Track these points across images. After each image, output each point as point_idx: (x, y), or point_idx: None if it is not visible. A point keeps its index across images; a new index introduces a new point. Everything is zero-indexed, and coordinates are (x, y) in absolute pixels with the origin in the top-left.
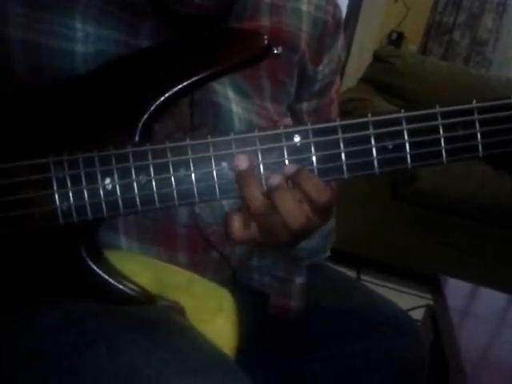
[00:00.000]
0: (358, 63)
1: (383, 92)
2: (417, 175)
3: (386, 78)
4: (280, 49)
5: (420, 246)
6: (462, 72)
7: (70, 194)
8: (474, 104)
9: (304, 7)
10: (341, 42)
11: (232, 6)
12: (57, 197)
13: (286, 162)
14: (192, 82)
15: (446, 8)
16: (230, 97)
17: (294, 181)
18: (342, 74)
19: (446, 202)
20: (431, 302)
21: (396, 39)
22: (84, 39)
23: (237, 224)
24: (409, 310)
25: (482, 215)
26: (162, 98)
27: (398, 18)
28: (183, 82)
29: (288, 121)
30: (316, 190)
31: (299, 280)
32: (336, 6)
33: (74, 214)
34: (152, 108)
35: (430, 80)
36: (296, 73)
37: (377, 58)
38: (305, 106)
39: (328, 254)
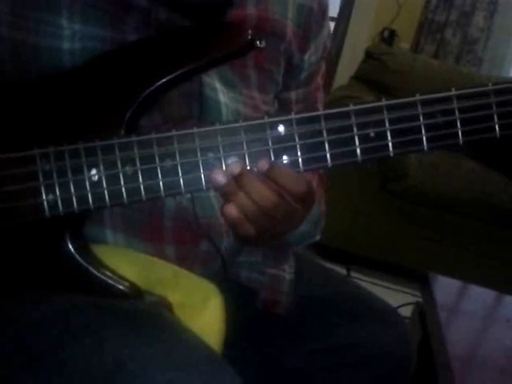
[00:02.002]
0: (350, 61)
1: (375, 90)
2: (406, 172)
3: (377, 75)
4: (264, 42)
5: (409, 243)
6: (453, 70)
7: (56, 187)
8: (453, 92)
9: None
10: (327, 29)
11: None
12: (43, 189)
13: (271, 151)
14: (176, 76)
15: (438, 6)
16: (216, 87)
17: (269, 176)
18: (333, 72)
19: (436, 198)
20: (420, 300)
21: (388, 37)
22: (71, 37)
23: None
24: (398, 306)
25: (471, 212)
26: (147, 92)
27: (391, 16)
28: (167, 75)
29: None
30: (291, 181)
31: (288, 276)
32: None
33: (60, 207)
34: (137, 101)
35: (422, 78)
36: (282, 61)
37: (369, 55)
38: (293, 95)
39: (318, 238)
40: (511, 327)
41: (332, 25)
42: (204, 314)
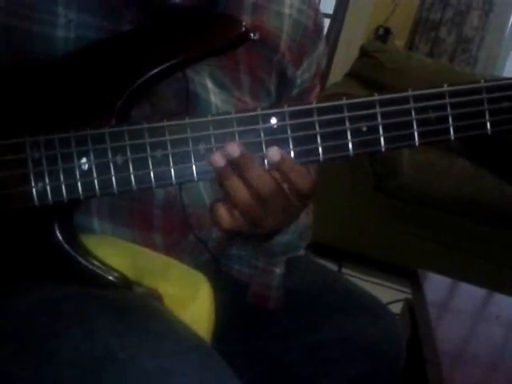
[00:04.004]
0: (345, 58)
1: (369, 87)
2: (399, 170)
3: (372, 73)
4: (257, 34)
5: (401, 240)
6: (447, 69)
7: (46, 175)
8: (446, 88)
9: (286, 10)
10: (322, 47)
11: (216, 1)
12: (32, 177)
13: (263, 143)
14: (169, 66)
15: (434, 4)
16: (208, 87)
17: (279, 168)
18: (328, 69)
19: (428, 196)
20: (410, 296)
21: (383, 34)
22: (66, 25)
23: (223, 212)
24: (388, 303)
25: (462, 211)
26: (139, 82)
27: (386, 14)
28: (160, 65)
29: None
30: (299, 176)
31: (279, 271)
32: (317, 12)
33: (49, 195)
34: (129, 91)
35: (416, 76)
36: (275, 73)
37: (363, 52)
38: None
39: (303, 252)
40: (500, 324)
41: (327, 22)
42: (193, 304)
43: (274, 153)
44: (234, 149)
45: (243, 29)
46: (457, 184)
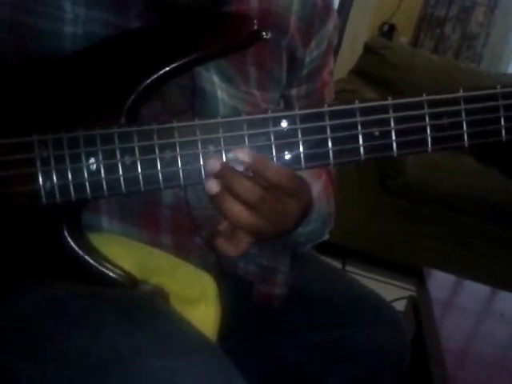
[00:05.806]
0: (350, 54)
1: (374, 83)
2: (405, 168)
3: (376, 69)
4: (269, 34)
5: (406, 238)
6: (452, 65)
7: (54, 174)
8: (461, 93)
9: None
10: (332, 24)
11: None
12: (40, 176)
13: (273, 146)
14: (178, 66)
15: (438, 1)
16: (215, 82)
17: (251, 169)
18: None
19: (434, 195)
20: (414, 294)
21: (388, 31)
22: (73, 21)
23: (224, 244)
24: (392, 301)
25: (469, 209)
26: (148, 81)
27: (391, 10)
28: (170, 65)
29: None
30: (276, 174)
31: (284, 268)
32: None
33: (57, 195)
34: (139, 90)
35: (421, 73)
36: (285, 57)
37: (368, 49)
38: (294, 91)
39: (327, 236)
40: (504, 322)
41: None
42: (200, 304)
43: (213, 163)
44: (215, 163)
45: (255, 27)
46: (462, 182)
